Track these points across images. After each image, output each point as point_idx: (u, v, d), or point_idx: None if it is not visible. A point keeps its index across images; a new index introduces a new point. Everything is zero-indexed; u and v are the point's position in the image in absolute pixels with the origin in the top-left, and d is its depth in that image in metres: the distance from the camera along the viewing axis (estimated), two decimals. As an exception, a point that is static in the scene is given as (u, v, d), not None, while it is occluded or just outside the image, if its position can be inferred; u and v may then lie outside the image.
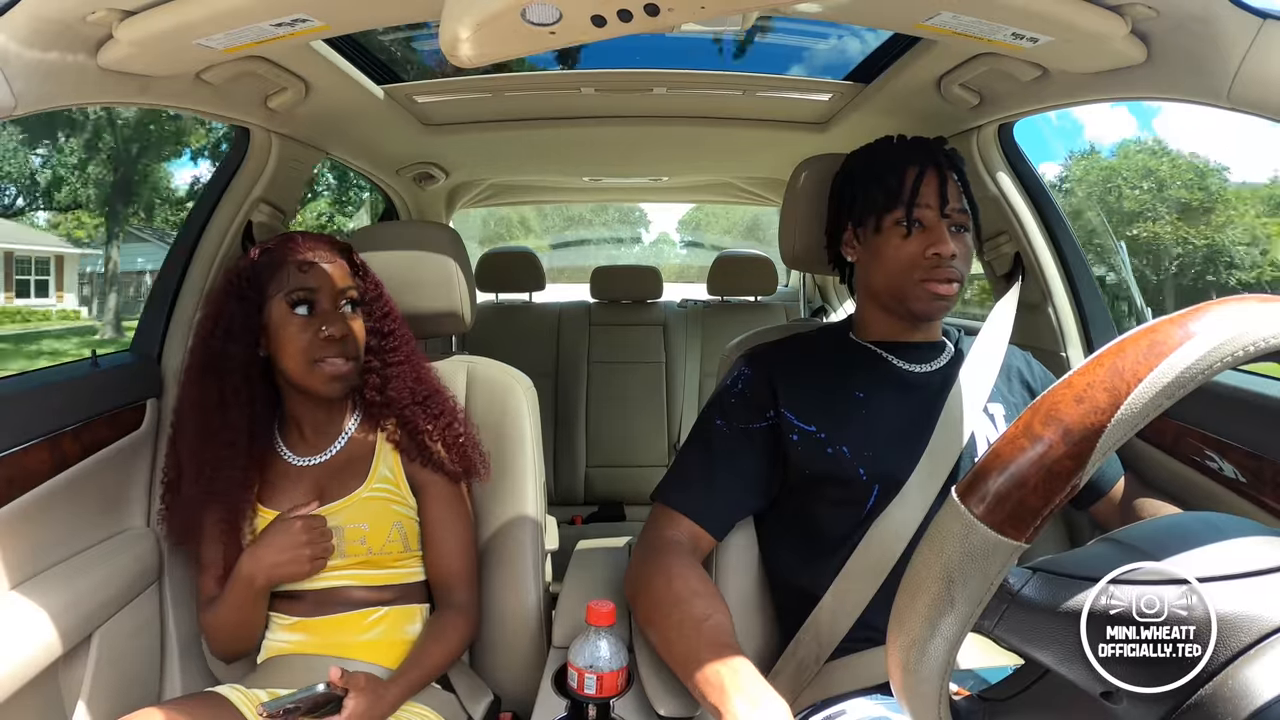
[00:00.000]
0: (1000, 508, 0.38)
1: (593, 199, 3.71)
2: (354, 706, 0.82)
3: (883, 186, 0.90)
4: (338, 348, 0.95)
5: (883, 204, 0.90)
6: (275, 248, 0.98)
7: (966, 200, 0.92)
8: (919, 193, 0.89)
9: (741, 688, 0.69)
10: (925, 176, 0.89)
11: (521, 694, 1.03)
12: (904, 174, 0.90)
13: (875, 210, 0.91)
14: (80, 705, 0.94)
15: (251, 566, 0.92)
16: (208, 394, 0.96)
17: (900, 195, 0.89)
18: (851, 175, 0.96)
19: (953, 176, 0.90)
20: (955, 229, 0.90)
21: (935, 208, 0.89)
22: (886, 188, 0.90)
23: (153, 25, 0.79)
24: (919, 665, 0.40)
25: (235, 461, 0.95)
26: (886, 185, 0.90)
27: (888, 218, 0.90)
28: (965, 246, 0.90)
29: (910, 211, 0.89)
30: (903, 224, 0.89)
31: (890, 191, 0.90)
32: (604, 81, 1.39)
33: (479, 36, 0.71)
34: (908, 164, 0.90)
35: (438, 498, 1.02)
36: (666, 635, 0.80)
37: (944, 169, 0.90)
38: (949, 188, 0.89)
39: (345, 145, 1.58)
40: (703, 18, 0.69)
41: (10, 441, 0.89)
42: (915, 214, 0.89)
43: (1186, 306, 0.39)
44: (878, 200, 0.91)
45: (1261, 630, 0.37)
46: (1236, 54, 0.72)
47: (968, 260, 0.91)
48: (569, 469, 2.34)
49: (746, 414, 0.92)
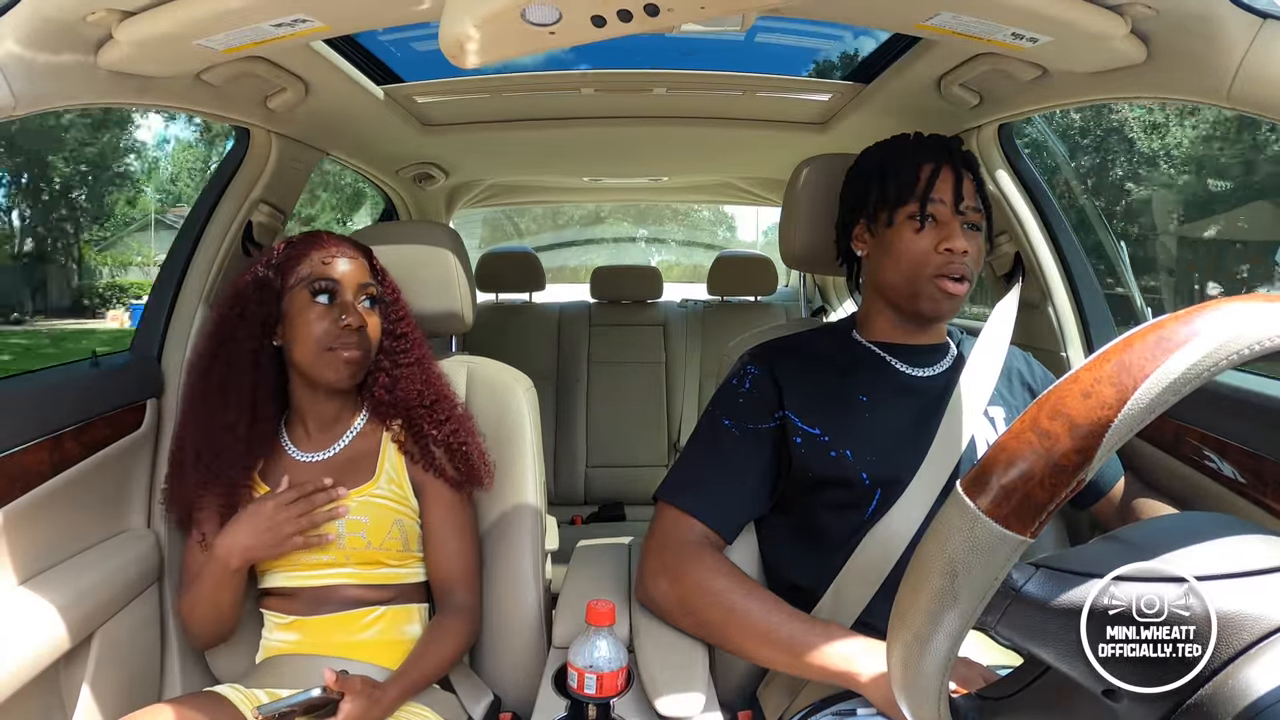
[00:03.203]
0: (1006, 502, 0.38)
1: (593, 199, 3.71)
2: (349, 710, 0.81)
3: (898, 180, 0.90)
4: (354, 337, 0.97)
5: (897, 197, 0.90)
6: (300, 242, 1.00)
7: (981, 201, 0.92)
8: (934, 187, 0.89)
9: (861, 650, 0.76)
10: (941, 172, 0.89)
11: (522, 694, 1.03)
12: (919, 169, 0.90)
13: (889, 203, 0.91)
14: (81, 705, 0.94)
15: (226, 546, 0.93)
16: (214, 376, 0.98)
17: (915, 189, 0.89)
18: (866, 169, 0.96)
19: (968, 175, 0.91)
20: (968, 227, 0.90)
21: (949, 204, 0.89)
22: (902, 181, 0.90)
23: (152, 25, 0.79)
24: (920, 661, 0.40)
25: (236, 445, 0.97)
26: (902, 179, 0.90)
27: (901, 211, 0.90)
28: (977, 246, 0.90)
29: (925, 206, 0.88)
30: (916, 218, 0.89)
31: (905, 185, 0.90)
32: (604, 81, 1.39)
33: (479, 37, 0.71)
34: (924, 160, 0.90)
35: (440, 501, 1.02)
36: (736, 622, 0.82)
37: (959, 167, 0.90)
38: (964, 185, 0.89)
39: (345, 145, 1.58)
40: (703, 18, 0.69)
41: (10, 441, 0.89)
42: (929, 209, 0.89)
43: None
44: (892, 194, 0.90)
45: (1262, 630, 0.37)
46: (1236, 53, 0.72)
47: (979, 261, 0.91)
48: (569, 469, 2.34)
49: (755, 414, 0.92)
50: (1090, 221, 1.68)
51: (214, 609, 0.96)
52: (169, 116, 15.60)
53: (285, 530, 0.93)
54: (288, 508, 0.93)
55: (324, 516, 0.95)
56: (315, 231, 1.03)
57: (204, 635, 1.00)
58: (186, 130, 17.89)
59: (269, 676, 0.95)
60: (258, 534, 0.92)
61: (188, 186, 17.60)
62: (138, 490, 1.10)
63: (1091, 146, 11.74)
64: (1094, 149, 11.80)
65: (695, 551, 0.87)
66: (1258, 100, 0.73)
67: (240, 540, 0.93)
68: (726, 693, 0.93)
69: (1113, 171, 11.75)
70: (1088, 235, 1.45)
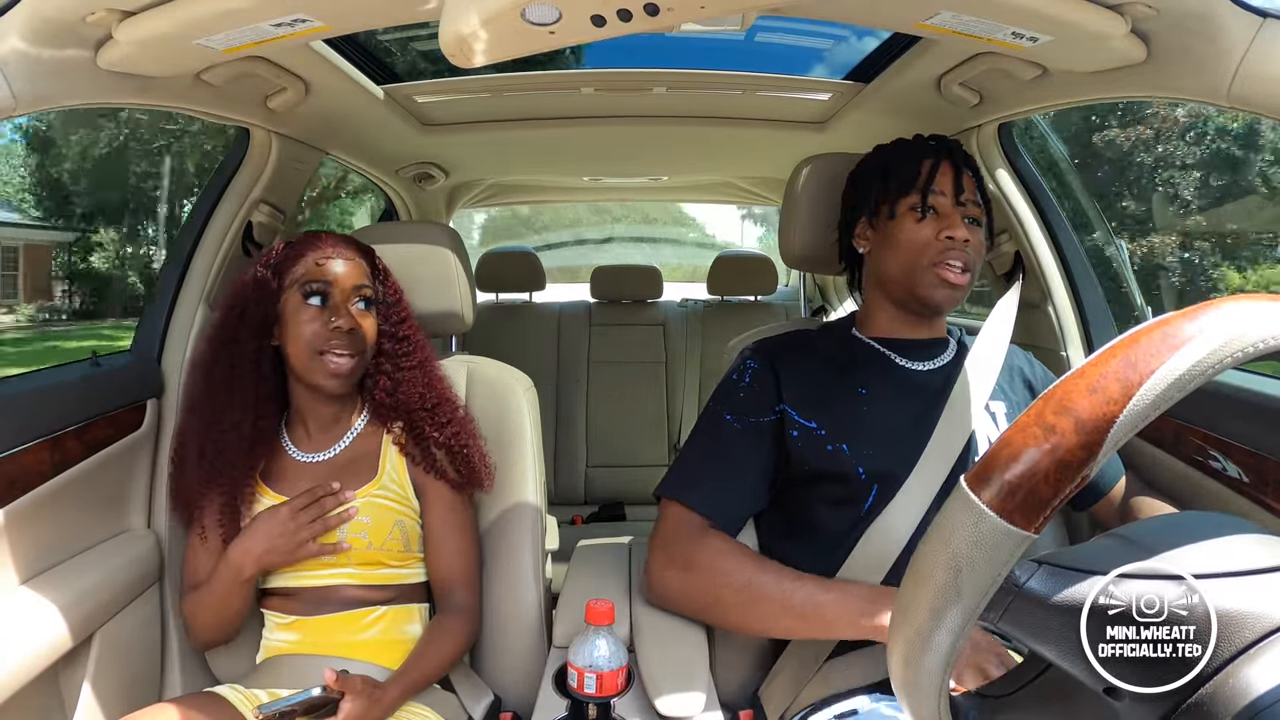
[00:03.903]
0: (1011, 497, 0.38)
1: (593, 199, 3.71)
2: (349, 710, 0.81)
3: (900, 175, 0.93)
4: (344, 340, 0.96)
5: (899, 190, 0.93)
6: (298, 242, 1.01)
7: (981, 200, 0.94)
8: (934, 179, 0.91)
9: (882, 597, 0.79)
10: (941, 166, 0.92)
11: (522, 694, 1.03)
12: (921, 163, 0.92)
13: (891, 196, 0.93)
14: (81, 705, 0.94)
15: (240, 555, 0.93)
16: (216, 376, 0.98)
17: (916, 182, 0.92)
18: (869, 169, 0.99)
19: (968, 172, 0.93)
20: (969, 221, 0.92)
21: (950, 195, 0.91)
22: (904, 176, 0.93)
23: (153, 25, 0.79)
24: (921, 658, 0.40)
25: (239, 444, 0.97)
26: (904, 174, 0.93)
27: (903, 202, 0.92)
28: (978, 240, 0.92)
29: (926, 197, 0.91)
30: (918, 209, 0.91)
31: (907, 179, 0.92)
32: (604, 81, 1.39)
33: (479, 36, 0.71)
34: (925, 155, 0.93)
35: (440, 501, 1.02)
36: (751, 595, 0.82)
37: (960, 163, 0.93)
38: (964, 180, 0.92)
39: (345, 145, 1.58)
40: (703, 18, 0.69)
41: (10, 441, 0.88)
42: (930, 200, 0.91)
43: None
44: (894, 187, 0.93)
45: (1262, 629, 0.37)
46: (1236, 53, 0.72)
47: (980, 252, 0.93)
48: (569, 469, 2.34)
49: (755, 408, 0.92)
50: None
51: (222, 614, 0.97)
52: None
53: (300, 536, 0.93)
54: (301, 514, 0.93)
55: (336, 521, 0.95)
56: (315, 232, 1.03)
57: (208, 638, 1.00)
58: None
59: (269, 676, 0.95)
60: (272, 541, 0.93)
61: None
62: (138, 490, 1.10)
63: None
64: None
65: (701, 537, 0.87)
66: (1258, 100, 0.73)
67: (256, 547, 0.93)
68: (727, 692, 0.93)
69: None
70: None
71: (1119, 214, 9.57)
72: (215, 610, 0.96)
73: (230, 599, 0.95)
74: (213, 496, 0.97)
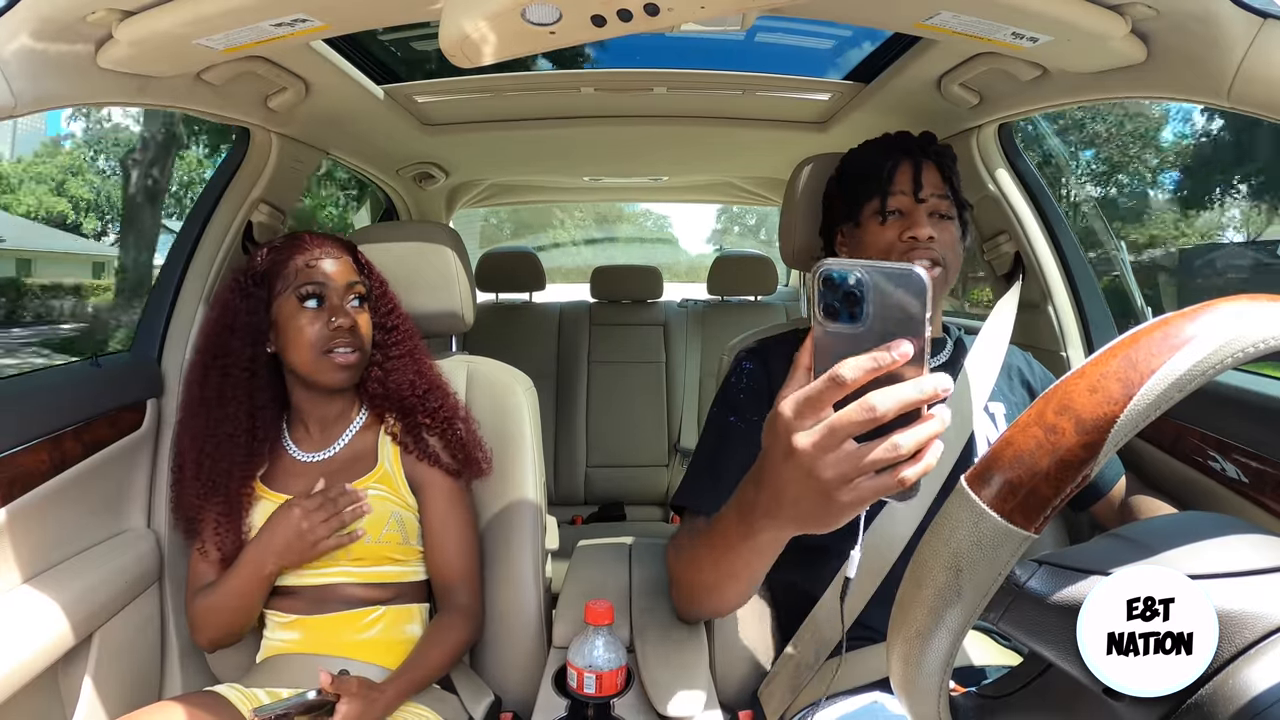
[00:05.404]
0: (1012, 496, 0.38)
1: (593, 199, 3.71)
2: (345, 712, 0.81)
3: (862, 181, 0.93)
4: (348, 338, 0.97)
5: (861, 196, 0.92)
6: (282, 246, 1.00)
7: (951, 190, 0.93)
8: (893, 180, 0.91)
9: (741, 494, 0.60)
10: (900, 166, 0.91)
11: (522, 694, 1.03)
12: (880, 167, 0.92)
13: (857, 204, 0.93)
14: (81, 705, 0.94)
15: (259, 554, 0.94)
16: (210, 389, 0.98)
17: (875, 186, 0.91)
18: (837, 177, 0.99)
19: (929, 164, 0.92)
20: (936, 216, 0.90)
21: (910, 194, 0.91)
22: (865, 181, 0.92)
23: (153, 25, 0.79)
24: (921, 658, 0.40)
25: (235, 455, 0.97)
26: (865, 179, 0.92)
27: (866, 208, 0.92)
28: (950, 235, 0.91)
29: (885, 200, 0.90)
30: (879, 213, 0.91)
31: (867, 184, 0.92)
32: (604, 81, 1.39)
33: (479, 36, 0.71)
34: (885, 158, 0.92)
35: (438, 496, 1.02)
36: (695, 563, 0.77)
37: (919, 158, 0.92)
38: (925, 174, 0.91)
39: (345, 145, 1.58)
40: (703, 18, 0.69)
41: (10, 441, 0.88)
42: (890, 202, 0.91)
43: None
44: (858, 194, 0.93)
45: (1262, 629, 0.37)
46: (1237, 53, 0.72)
47: (953, 248, 0.91)
48: (569, 469, 2.34)
49: (756, 406, 0.92)
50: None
51: (236, 614, 0.97)
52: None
53: (317, 533, 0.93)
54: (315, 513, 0.94)
55: (351, 517, 0.96)
56: (296, 233, 1.03)
57: (218, 639, 1.00)
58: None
59: (269, 676, 0.95)
60: (288, 540, 0.93)
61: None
62: (138, 491, 1.10)
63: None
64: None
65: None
66: (1258, 100, 0.73)
67: (274, 547, 0.93)
68: (727, 692, 0.93)
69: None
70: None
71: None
72: (234, 609, 0.96)
73: (246, 598, 0.95)
74: (210, 508, 0.97)
